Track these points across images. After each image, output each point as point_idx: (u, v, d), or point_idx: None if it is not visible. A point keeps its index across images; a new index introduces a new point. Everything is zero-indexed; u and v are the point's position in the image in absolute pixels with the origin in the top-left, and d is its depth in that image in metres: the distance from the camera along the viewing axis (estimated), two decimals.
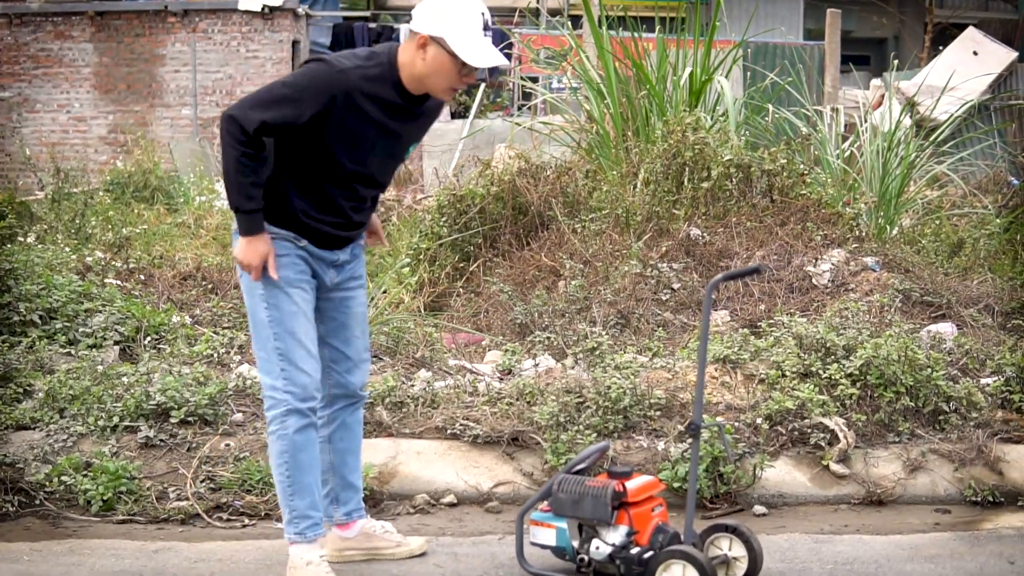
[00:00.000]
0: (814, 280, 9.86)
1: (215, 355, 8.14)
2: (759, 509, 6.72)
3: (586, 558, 5.49)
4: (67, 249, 9.08)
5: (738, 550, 5.51)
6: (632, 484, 5.49)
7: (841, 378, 7.22)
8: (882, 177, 12.05)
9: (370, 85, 5.36)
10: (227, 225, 12.01)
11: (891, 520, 6.61)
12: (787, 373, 7.31)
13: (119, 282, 9.38)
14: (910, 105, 14.99)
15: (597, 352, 7.72)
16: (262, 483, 6.57)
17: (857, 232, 10.59)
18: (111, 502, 6.56)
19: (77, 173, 13.14)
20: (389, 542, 5.95)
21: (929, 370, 7.29)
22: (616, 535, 5.44)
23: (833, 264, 9.97)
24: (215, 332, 8.47)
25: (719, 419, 6.77)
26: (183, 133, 18.96)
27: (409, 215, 13.22)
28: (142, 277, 10.07)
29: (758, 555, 5.48)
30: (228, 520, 6.54)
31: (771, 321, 8.12)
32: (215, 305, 9.38)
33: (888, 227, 11.39)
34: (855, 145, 12.97)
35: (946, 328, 8.69)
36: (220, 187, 14.21)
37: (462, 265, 11.16)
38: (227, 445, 6.95)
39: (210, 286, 10.11)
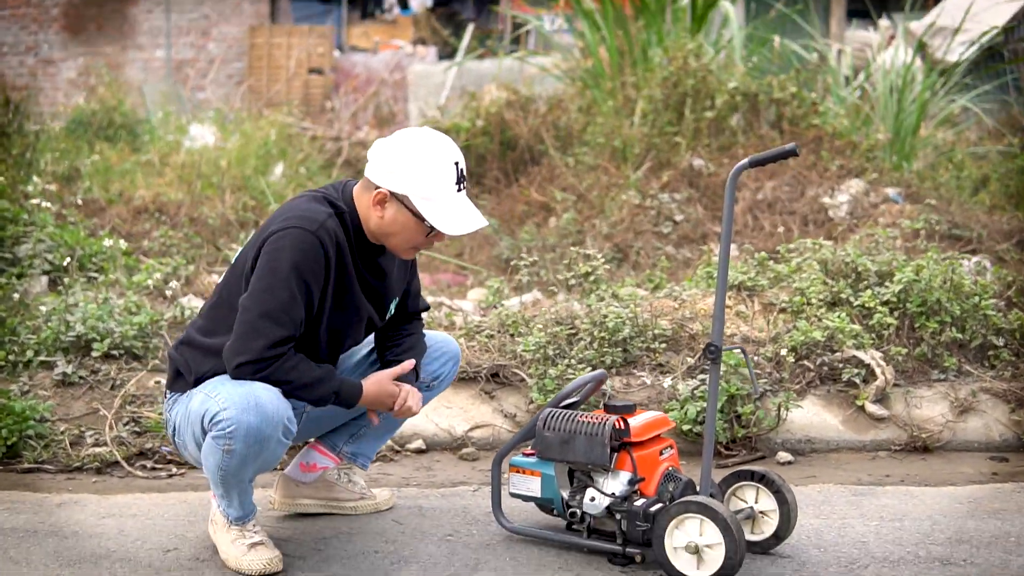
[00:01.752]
0: (830, 212, 8.70)
1: (156, 287, 6.90)
2: (784, 456, 5.52)
3: (578, 512, 4.28)
4: (1, 179, 7.87)
5: (766, 502, 4.30)
6: (636, 421, 4.28)
7: (876, 306, 5.99)
8: (896, 114, 10.88)
9: (343, 235, 4.19)
10: (194, 163, 10.80)
11: (940, 469, 5.42)
12: (813, 301, 6.08)
13: (60, 210, 8.13)
14: (920, 46, 13.75)
15: (592, 279, 6.46)
16: None
17: (876, 163, 9.38)
18: (17, 447, 5.34)
19: (36, 111, 11.99)
20: (351, 494, 4.76)
21: (977, 298, 6.08)
22: (616, 483, 4.22)
23: (851, 195, 8.80)
24: (159, 262, 7.23)
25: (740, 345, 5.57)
26: (157, 76, 17.78)
27: None
28: (91, 210, 8.84)
29: (791, 509, 4.27)
30: (152, 469, 5.34)
31: (790, 246, 6.88)
32: (163, 234, 8.15)
33: (904, 164, 10.19)
34: (867, 80, 11.81)
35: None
36: (193, 129, 13.03)
37: None
38: (157, 382, 5.73)
39: (164, 219, 8.87)
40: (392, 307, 4.47)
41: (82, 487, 5.11)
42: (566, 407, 4.37)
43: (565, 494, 4.32)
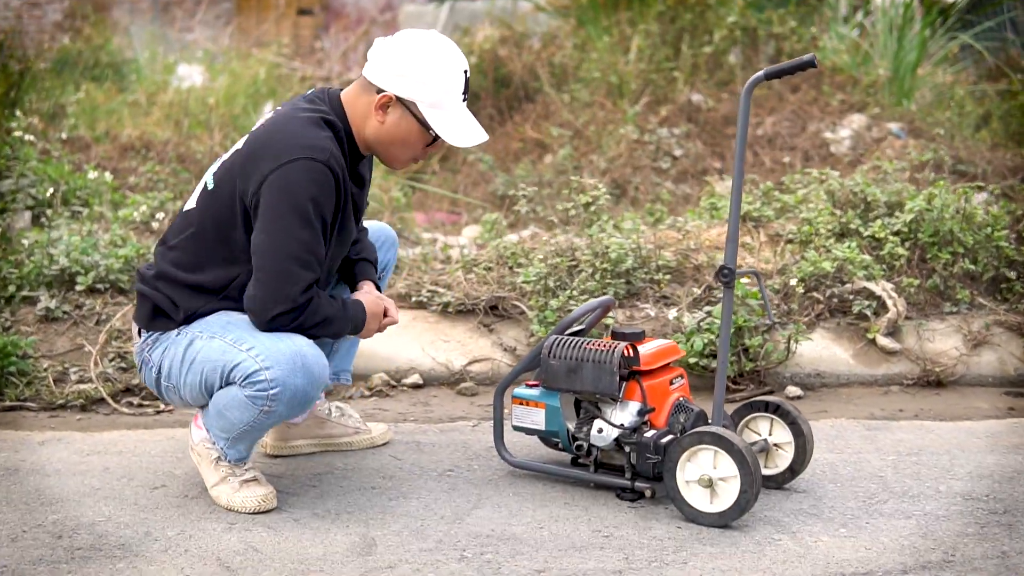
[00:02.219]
0: (832, 148, 8.45)
1: (143, 220, 6.64)
2: (793, 391, 5.30)
3: (585, 445, 4.06)
4: None
5: (781, 434, 4.08)
6: (645, 348, 4.04)
7: (887, 236, 5.76)
8: (896, 52, 10.60)
9: (342, 157, 3.87)
10: (182, 102, 10.51)
11: (954, 404, 5.20)
12: (821, 231, 5.85)
13: (44, 146, 7.86)
14: None
15: (593, 209, 6.21)
16: None
17: (877, 99, 9.13)
18: None
19: (20, 53, 11.67)
20: (345, 428, 4.53)
21: (989, 229, 5.85)
22: (625, 414, 3.99)
23: (853, 130, 8.55)
24: (146, 196, 6.97)
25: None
26: (144, 17, 17.43)
27: None
28: (76, 147, 8.56)
29: (807, 441, 4.05)
30: (139, 406, 5.11)
31: (795, 176, 6.63)
32: (150, 170, 7.87)
33: (905, 101, 9.93)
34: (866, 17, 11.53)
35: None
36: (181, 69, 12.71)
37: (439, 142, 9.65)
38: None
39: (151, 156, 8.59)
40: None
41: (66, 425, 4.88)
42: (572, 335, 4.14)
43: (571, 426, 4.09)
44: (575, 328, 4.18)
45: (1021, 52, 14.21)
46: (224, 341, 3.76)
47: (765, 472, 4.07)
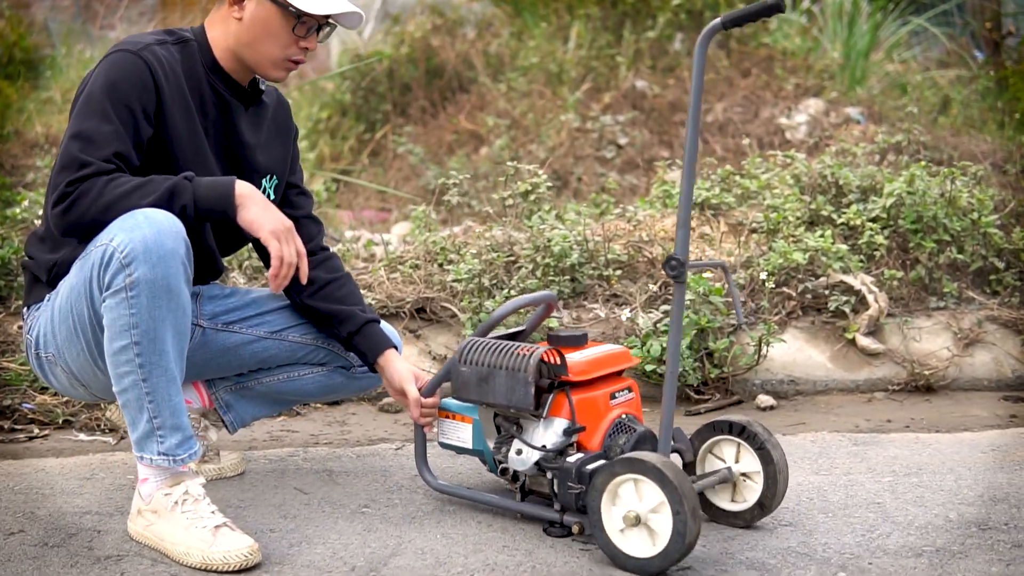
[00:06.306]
0: (788, 134, 7.72)
1: (32, 219, 5.80)
2: (765, 400, 4.54)
3: (510, 469, 3.28)
4: None
5: (749, 462, 3.26)
6: (579, 355, 3.25)
7: (864, 223, 5.01)
8: (847, 38, 9.94)
9: (182, 67, 3.25)
10: None
11: (949, 412, 4.47)
12: (790, 219, 5.09)
13: None
14: None
15: (533, 198, 5.41)
16: None
17: (834, 83, 8.43)
18: None
19: None
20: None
21: (976, 214, 5.11)
22: (549, 434, 3.20)
23: (810, 115, 7.83)
24: (40, 193, 6.12)
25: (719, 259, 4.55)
26: (66, 14, 16.58)
27: (311, 88, 10.89)
28: None
29: (778, 470, 3.21)
30: (10, 431, 4.26)
31: (756, 160, 5.86)
32: (48, 165, 7.02)
33: (857, 88, 9.25)
34: (815, 3, 10.86)
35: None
36: None
37: (367, 137, 8.95)
38: (19, 327, 4.65)
39: (56, 151, 7.75)
40: (268, 188, 3.49)
41: None
42: (508, 338, 3.35)
43: (491, 444, 3.32)
44: (515, 330, 3.39)
45: (970, 39, 13.69)
46: (77, 267, 3.08)
47: (730, 508, 3.26)
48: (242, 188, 3.05)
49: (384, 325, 3.60)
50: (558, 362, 3.17)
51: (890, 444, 4.06)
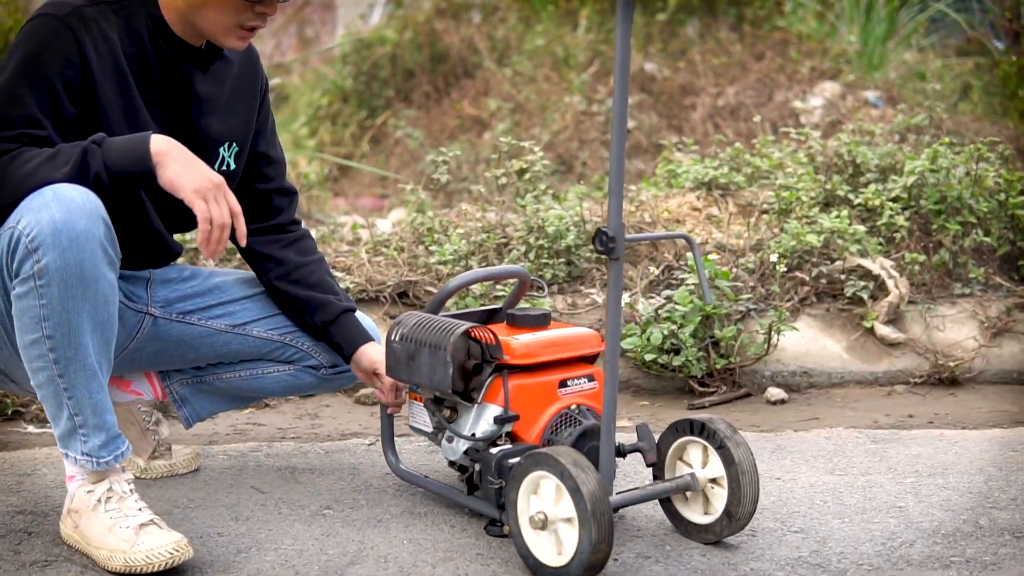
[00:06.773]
0: (802, 118, 7.36)
1: None
2: (775, 393, 4.17)
3: (448, 457, 2.97)
4: None
5: (716, 466, 2.83)
6: (524, 337, 2.88)
7: (884, 203, 4.64)
8: (864, 24, 9.59)
9: (118, 30, 2.86)
10: None
11: (975, 407, 4.11)
12: (803, 199, 4.72)
13: None
14: None
15: (527, 176, 5.03)
16: None
17: (851, 67, 8.08)
18: None
19: None
20: (144, 447, 3.36)
21: (1003, 195, 4.74)
22: (481, 422, 2.86)
23: (826, 99, 7.47)
24: None
25: (684, 232, 4.15)
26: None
27: (313, 75, 10.59)
28: None
29: (742, 472, 2.76)
30: None
31: (767, 139, 5.50)
32: None
33: (875, 74, 8.91)
34: None
35: None
36: None
37: (369, 123, 8.65)
38: None
39: None
40: (227, 158, 3.10)
41: None
42: (467, 315, 3.03)
43: (429, 429, 3.02)
44: (488, 308, 3.05)
45: (989, 29, 13.41)
46: None
47: (698, 520, 2.85)
48: (159, 144, 2.67)
49: (361, 315, 3.25)
50: (492, 341, 2.80)
51: (912, 442, 3.70)
